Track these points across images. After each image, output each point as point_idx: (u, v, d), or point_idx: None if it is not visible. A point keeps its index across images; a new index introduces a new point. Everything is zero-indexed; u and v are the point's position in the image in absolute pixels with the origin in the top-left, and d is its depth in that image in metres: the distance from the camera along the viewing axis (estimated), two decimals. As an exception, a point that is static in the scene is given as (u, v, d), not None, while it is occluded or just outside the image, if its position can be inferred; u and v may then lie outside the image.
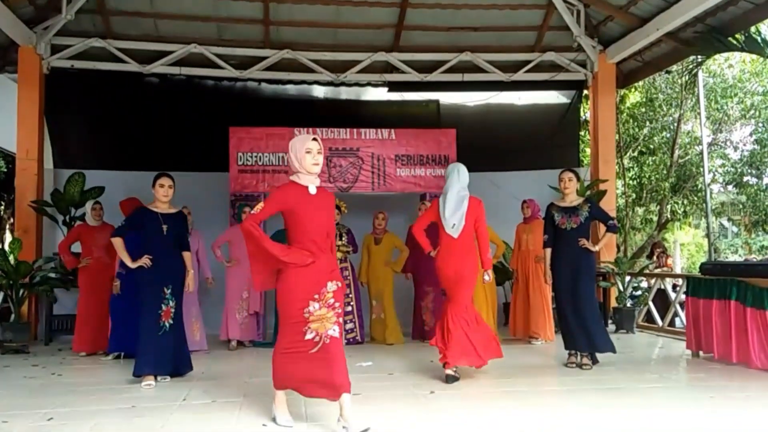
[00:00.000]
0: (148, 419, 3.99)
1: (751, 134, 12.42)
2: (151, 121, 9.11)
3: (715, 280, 5.91)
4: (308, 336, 3.64)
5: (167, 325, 5.20)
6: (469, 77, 9.60)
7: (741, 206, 14.28)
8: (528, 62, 9.60)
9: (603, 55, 9.32)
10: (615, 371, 5.46)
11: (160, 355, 5.12)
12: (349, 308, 7.30)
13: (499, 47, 9.60)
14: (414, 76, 9.45)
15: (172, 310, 5.25)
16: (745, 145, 12.52)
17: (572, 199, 5.78)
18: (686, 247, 20.15)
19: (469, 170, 8.51)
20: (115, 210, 6.61)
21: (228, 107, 9.11)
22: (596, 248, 5.74)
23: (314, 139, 3.70)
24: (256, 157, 8.10)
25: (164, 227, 5.22)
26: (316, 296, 3.63)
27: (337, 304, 3.71)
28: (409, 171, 8.29)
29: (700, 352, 6.13)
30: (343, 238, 7.35)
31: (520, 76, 9.59)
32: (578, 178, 6.01)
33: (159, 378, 5.13)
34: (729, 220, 19.25)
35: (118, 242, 5.24)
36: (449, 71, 9.51)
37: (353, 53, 9.41)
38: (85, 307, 6.74)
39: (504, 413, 4.08)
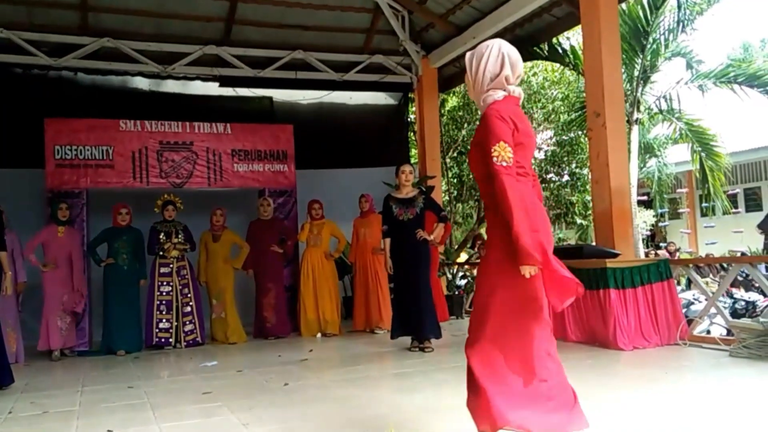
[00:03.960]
0: (-30, 438, 3.56)
1: (551, 137, 13.78)
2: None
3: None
4: None
5: (-18, 334, 4.67)
6: (302, 75, 9.64)
7: (545, 201, 15.88)
8: (358, 63, 9.87)
9: (426, 60, 9.87)
10: (453, 352, 5.83)
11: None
12: (188, 308, 7.04)
13: (330, 47, 9.76)
14: (247, 72, 9.28)
15: (-13, 319, 4.72)
16: (548, 146, 13.85)
17: (408, 191, 6.09)
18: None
19: (306, 167, 8.76)
20: None
21: (41, 97, 8.24)
22: (431, 238, 6.14)
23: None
24: (76, 150, 7.44)
25: (-25, 226, 4.68)
26: None
27: None
28: (247, 166, 8.13)
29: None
30: (180, 236, 7.08)
31: (351, 76, 9.83)
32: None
33: (-27, 394, 4.60)
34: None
35: None
36: (282, 68, 9.47)
37: (181, 45, 8.98)
38: None
39: (357, 397, 4.20)
